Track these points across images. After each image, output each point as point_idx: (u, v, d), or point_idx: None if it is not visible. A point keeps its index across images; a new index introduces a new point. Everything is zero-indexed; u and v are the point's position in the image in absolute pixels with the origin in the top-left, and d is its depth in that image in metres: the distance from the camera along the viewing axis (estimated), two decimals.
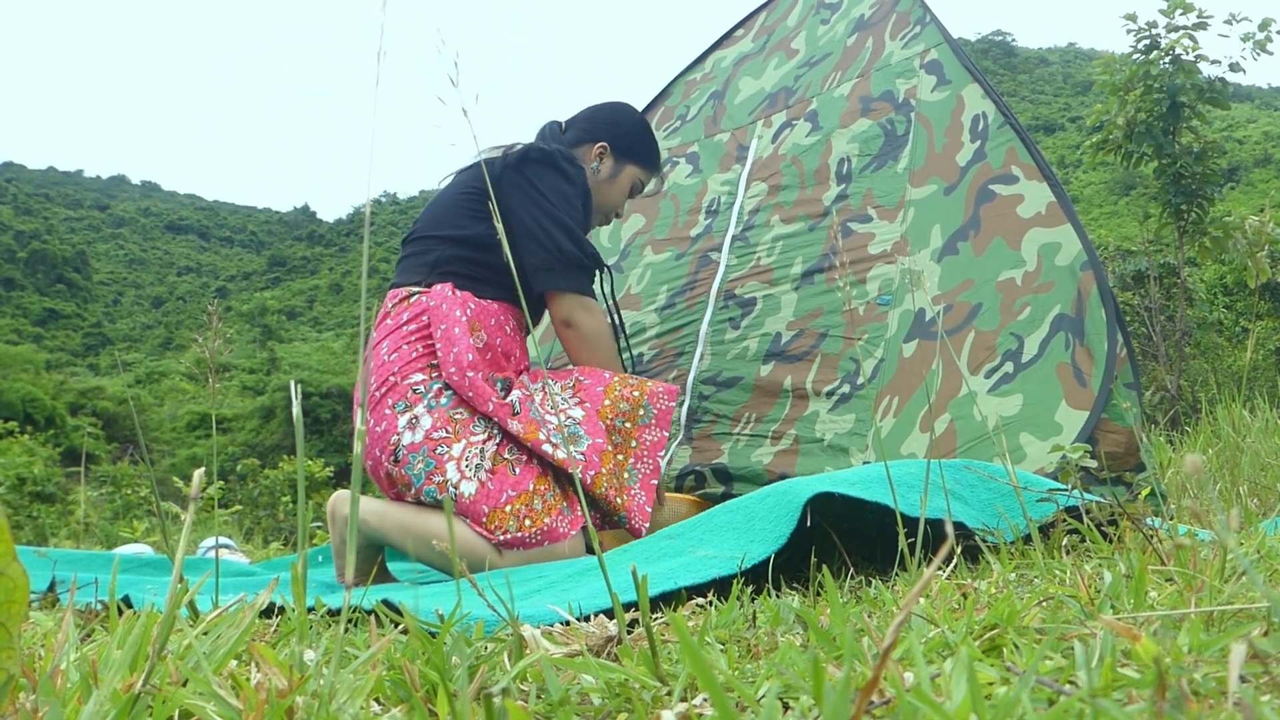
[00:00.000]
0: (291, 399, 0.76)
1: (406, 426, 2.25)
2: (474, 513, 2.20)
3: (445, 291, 2.38)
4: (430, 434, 2.25)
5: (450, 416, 2.27)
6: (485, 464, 2.25)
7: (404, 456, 2.24)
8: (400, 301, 2.41)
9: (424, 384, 2.30)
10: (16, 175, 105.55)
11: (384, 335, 2.38)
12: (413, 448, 2.24)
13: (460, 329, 2.34)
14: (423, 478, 2.22)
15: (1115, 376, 2.09)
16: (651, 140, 2.80)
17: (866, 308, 2.66)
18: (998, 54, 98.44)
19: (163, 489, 10.88)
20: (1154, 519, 1.41)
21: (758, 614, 1.11)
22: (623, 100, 2.87)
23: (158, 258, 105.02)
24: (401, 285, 2.45)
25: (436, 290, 2.39)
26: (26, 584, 0.70)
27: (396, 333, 2.36)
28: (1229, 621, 0.80)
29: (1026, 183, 2.44)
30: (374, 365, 2.34)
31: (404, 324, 2.37)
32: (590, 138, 2.72)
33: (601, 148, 2.71)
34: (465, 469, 2.24)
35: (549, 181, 2.45)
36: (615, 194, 2.73)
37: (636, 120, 2.81)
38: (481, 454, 2.26)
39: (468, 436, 2.26)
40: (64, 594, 1.62)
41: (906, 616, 0.54)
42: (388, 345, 2.35)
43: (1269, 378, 8.10)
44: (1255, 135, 53.86)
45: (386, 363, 2.32)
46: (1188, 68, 6.19)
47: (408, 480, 2.24)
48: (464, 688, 0.71)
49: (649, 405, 2.43)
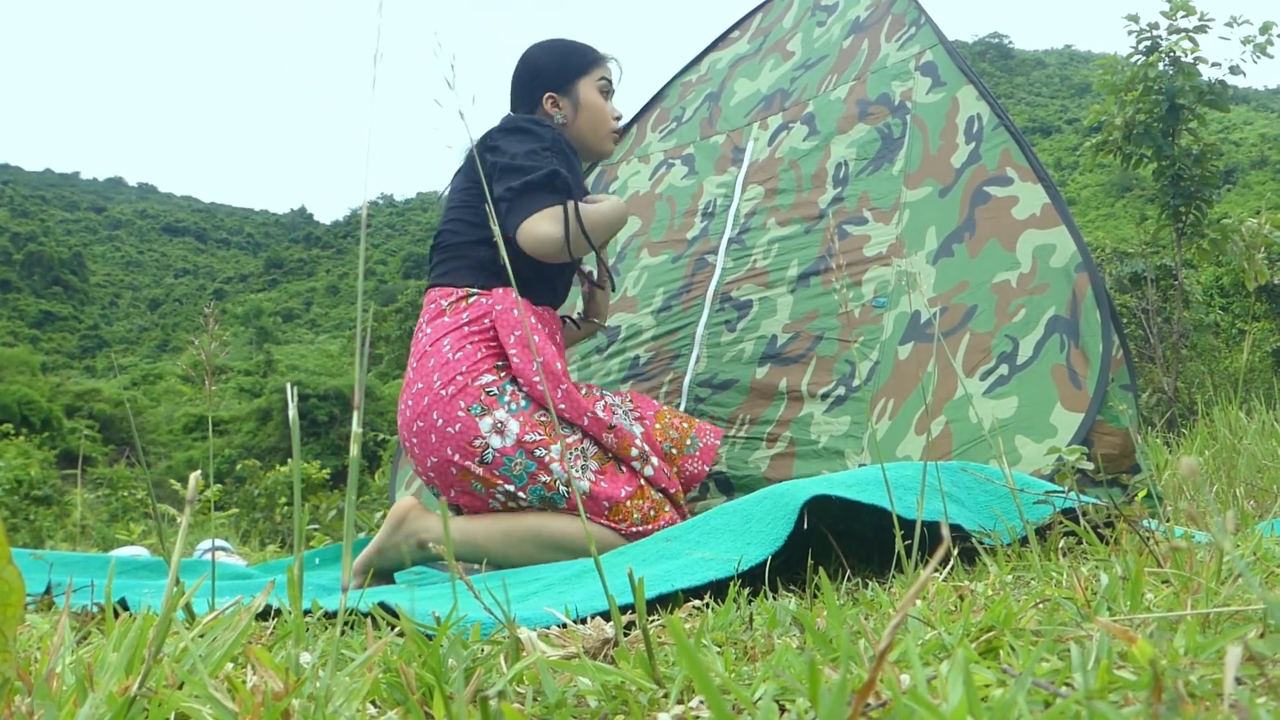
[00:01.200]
0: (288, 401, 0.75)
1: (493, 430, 2.24)
2: (595, 507, 2.23)
3: (510, 297, 2.37)
4: (522, 438, 2.24)
5: (536, 420, 2.27)
6: (592, 463, 2.29)
7: (496, 459, 2.23)
8: (458, 300, 2.39)
9: (495, 385, 2.28)
10: (13, 177, 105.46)
11: (443, 333, 2.35)
12: (506, 451, 2.24)
13: (541, 337, 2.37)
14: (525, 478, 2.23)
15: (1111, 378, 2.09)
16: (573, 50, 2.72)
17: (862, 310, 2.67)
18: (994, 56, 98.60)
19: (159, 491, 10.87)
20: (1150, 521, 1.41)
21: (754, 616, 1.11)
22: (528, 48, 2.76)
23: (154, 260, 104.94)
24: (452, 285, 2.43)
25: (500, 294, 2.37)
26: (22, 586, 0.69)
27: (458, 331, 2.34)
28: (1225, 624, 0.80)
29: (1021, 184, 2.45)
30: (436, 362, 2.31)
31: (465, 323, 2.35)
32: (535, 98, 2.67)
33: (549, 98, 2.65)
34: (572, 468, 2.26)
35: (507, 144, 2.42)
36: (594, 117, 2.66)
37: (548, 50, 2.72)
38: (584, 453, 2.29)
39: (561, 438, 2.28)
40: (60, 597, 1.62)
41: (903, 619, 0.54)
42: (450, 343, 2.33)
43: (1265, 380, 8.11)
44: (1252, 137, 54.00)
45: (451, 361, 2.30)
46: (1188, 70, 6.19)
47: (505, 480, 2.24)
48: (460, 690, 0.71)
49: (695, 439, 2.46)
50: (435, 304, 2.43)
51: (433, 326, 2.39)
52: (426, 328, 2.41)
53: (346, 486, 0.77)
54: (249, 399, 34.85)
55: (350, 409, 2.46)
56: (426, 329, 2.40)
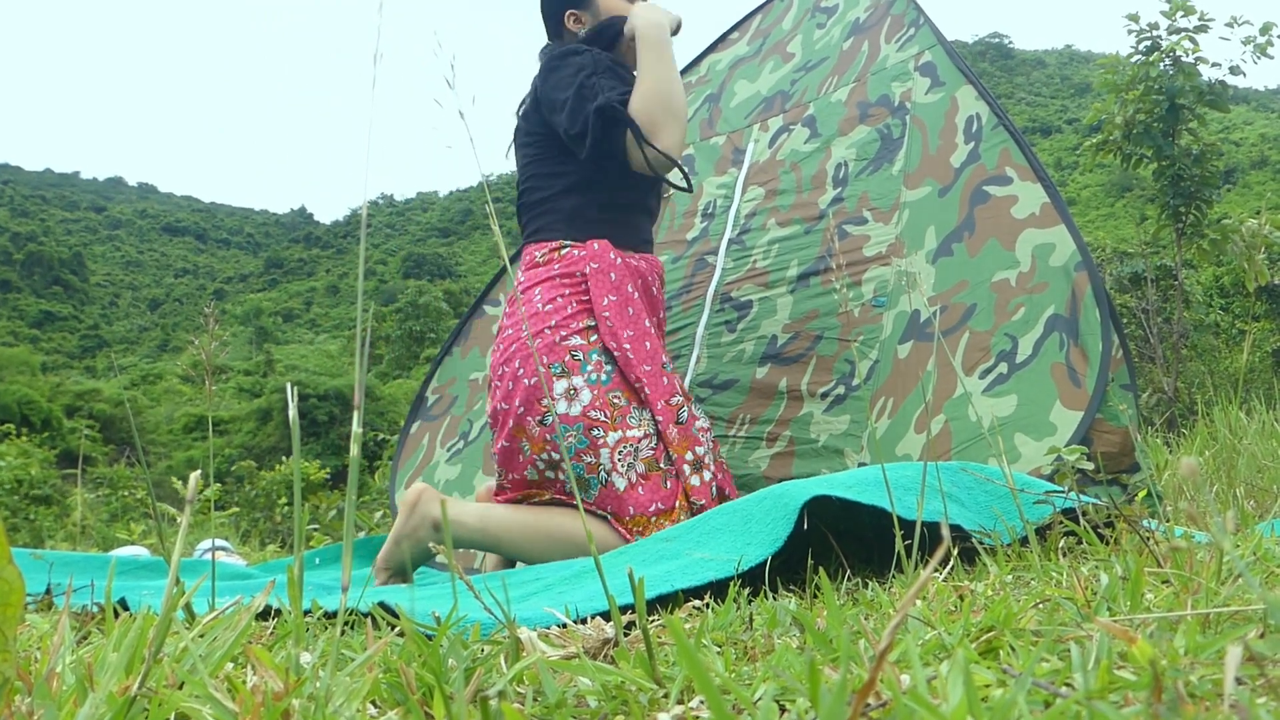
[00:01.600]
0: (288, 402, 0.76)
1: (564, 395, 2.25)
2: (619, 507, 2.21)
3: (606, 253, 2.37)
4: (588, 412, 2.24)
5: (609, 400, 2.27)
6: (639, 465, 2.26)
7: (554, 424, 2.23)
8: (551, 252, 2.39)
9: (583, 351, 2.28)
10: (13, 177, 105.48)
11: (535, 281, 2.36)
12: (567, 419, 2.24)
13: (634, 308, 2.35)
14: (573, 452, 2.23)
15: (1111, 378, 2.09)
16: None
17: (862, 310, 2.67)
18: (995, 56, 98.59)
19: (159, 491, 10.87)
20: (1150, 521, 1.41)
21: (754, 616, 1.11)
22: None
23: (154, 260, 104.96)
24: (546, 239, 2.42)
25: (595, 249, 2.36)
26: (22, 586, 0.69)
27: (550, 281, 2.35)
28: (1225, 624, 0.80)
29: (1020, 184, 2.45)
30: (527, 310, 2.32)
31: (557, 274, 2.35)
32: (559, 20, 2.64)
33: (570, 15, 2.62)
34: (619, 461, 2.24)
35: (547, 91, 2.42)
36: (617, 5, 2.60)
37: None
38: (635, 452, 2.26)
39: (624, 428, 2.26)
40: (60, 596, 1.62)
41: (903, 619, 0.54)
42: (542, 293, 2.34)
43: (1265, 380, 8.11)
44: (1252, 137, 54.02)
45: (541, 312, 2.31)
46: (1188, 70, 6.19)
47: (554, 448, 2.24)
48: (460, 690, 0.71)
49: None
50: (530, 256, 2.43)
51: (527, 275, 2.40)
52: (521, 276, 2.42)
53: (347, 486, 0.77)
54: (249, 399, 34.85)
55: (350, 409, 2.45)
56: (521, 277, 2.42)
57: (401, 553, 2.26)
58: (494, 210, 1.35)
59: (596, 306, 2.31)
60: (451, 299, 48.93)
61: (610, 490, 2.22)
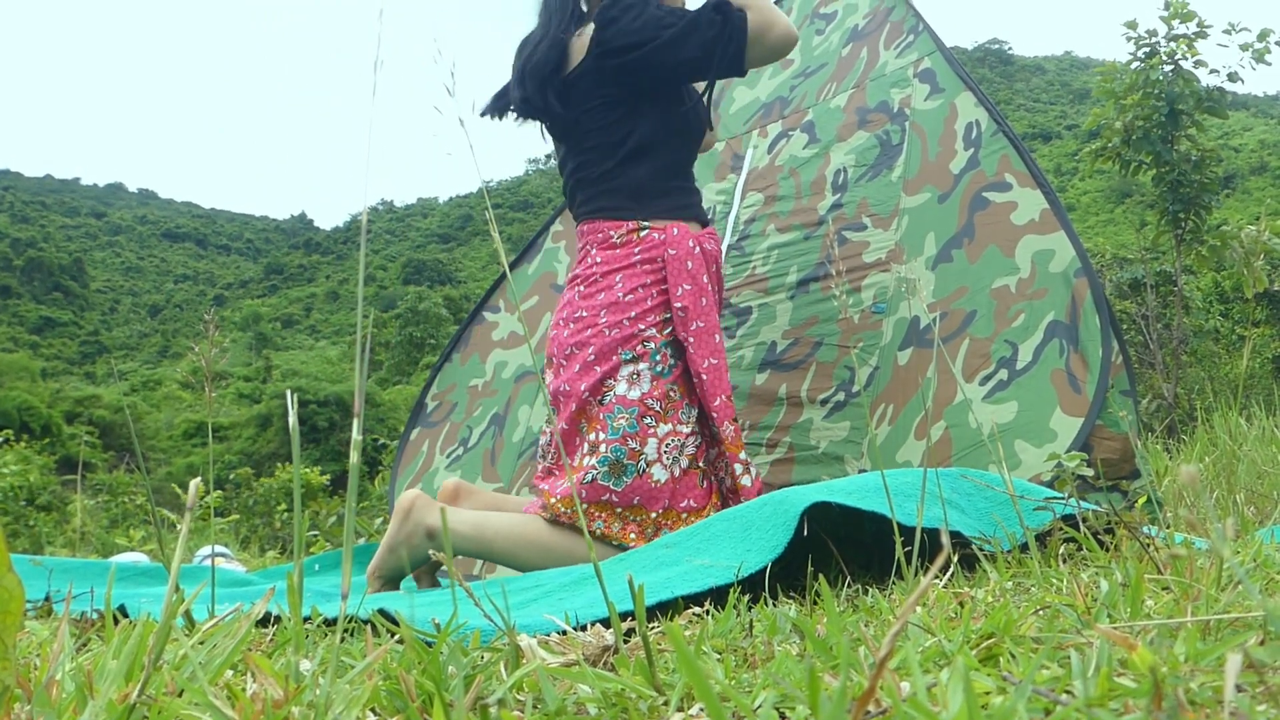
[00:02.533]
0: (288, 409, 0.76)
1: (627, 378, 2.25)
2: (650, 499, 2.21)
3: (685, 239, 2.35)
4: (645, 399, 2.25)
5: (667, 392, 2.27)
6: (682, 460, 2.26)
7: (610, 403, 2.24)
8: (629, 234, 2.36)
9: (654, 341, 2.29)
10: (13, 183, 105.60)
11: (616, 266, 2.33)
12: (625, 401, 2.24)
13: (707, 298, 2.33)
14: (619, 433, 2.22)
15: (1111, 384, 2.09)
16: None
17: (861, 316, 2.67)
18: (994, 62, 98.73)
19: (159, 497, 10.86)
20: (1150, 527, 1.41)
21: (754, 623, 1.11)
22: None
23: (154, 265, 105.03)
24: (619, 218, 2.38)
25: (674, 234, 2.34)
26: (22, 593, 0.69)
27: (631, 269, 2.33)
28: (1225, 630, 0.80)
29: (1020, 190, 2.45)
30: (607, 298, 2.31)
31: (638, 260, 2.33)
32: None
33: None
34: (664, 454, 2.24)
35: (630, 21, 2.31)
36: None
37: None
38: (681, 447, 2.27)
39: (675, 422, 2.27)
40: (60, 603, 1.62)
41: (903, 626, 0.54)
42: (623, 281, 2.32)
43: (1265, 386, 8.11)
44: (1251, 143, 54.10)
45: (622, 301, 2.30)
46: (1187, 75, 6.19)
47: (604, 427, 2.23)
48: (460, 698, 0.71)
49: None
50: (604, 234, 2.38)
51: (604, 255, 2.37)
52: (597, 255, 2.37)
53: (347, 493, 0.77)
54: (249, 405, 34.87)
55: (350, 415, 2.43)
56: (597, 256, 2.37)
57: (396, 560, 2.24)
58: (494, 216, 1.36)
59: (672, 295, 2.31)
60: (451, 305, 49.00)
61: (645, 480, 2.21)
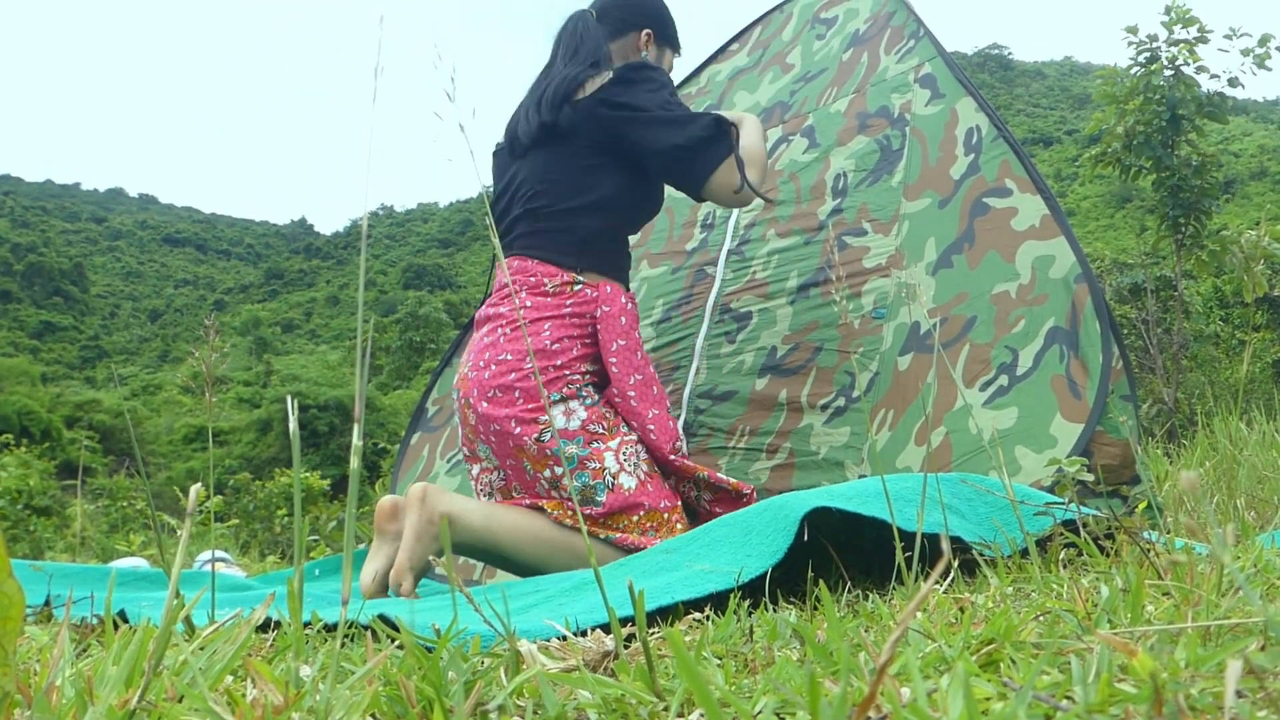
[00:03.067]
0: (288, 414, 0.76)
1: (561, 413, 2.27)
2: (630, 506, 2.22)
3: (617, 297, 2.38)
4: (587, 425, 2.27)
5: (603, 415, 2.30)
6: (642, 465, 2.30)
7: (553, 439, 2.24)
8: (563, 284, 2.37)
9: (578, 381, 2.31)
10: (14, 188, 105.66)
11: (545, 315, 2.34)
12: (566, 434, 2.26)
13: (641, 353, 2.39)
14: (576, 461, 2.24)
15: (1111, 389, 2.09)
16: (674, 21, 2.72)
17: (862, 321, 2.67)
18: (994, 67, 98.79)
19: (159, 502, 10.85)
20: (1151, 533, 1.41)
21: (755, 628, 1.11)
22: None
23: (155, 270, 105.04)
24: (556, 264, 2.39)
25: (607, 292, 2.36)
26: (22, 599, 0.69)
27: (561, 320, 2.34)
28: (1226, 636, 0.80)
29: (1020, 196, 2.45)
30: (534, 343, 2.31)
31: (568, 313, 2.35)
32: (633, 24, 2.64)
33: (647, 35, 2.63)
34: (624, 462, 2.27)
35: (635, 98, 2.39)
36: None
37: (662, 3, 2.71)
38: (637, 454, 2.30)
39: (620, 435, 2.30)
40: (60, 608, 1.62)
41: (903, 631, 0.54)
42: (551, 329, 2.32)
43: (1265, 390, 8.11)
44: (1251, 148, 54.12)
45: (549, 349, 2.30)
46: (1188, 80, 6.20)
47: (556, 462, 2.24)
48: (460, 704, 0.71)
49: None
50: (536, 276, 2.38)
51: (534, 301, 2.36)
52: (527, 300, 2.37)
53: (347, 498, 0.77)
54: (249, 410, 34.87)
55: (350, 419, 2.43)
56: (526, 300, 2.37)
57: (424, 549, 2.17)
58: (493, 222, 1.36)
59: (605, 352, 2.33)
60: (451, 310, 49.01)
61: (619, 493, 2.23)
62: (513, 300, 2.39)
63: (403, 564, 2.18)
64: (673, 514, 2.28)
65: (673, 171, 2.41)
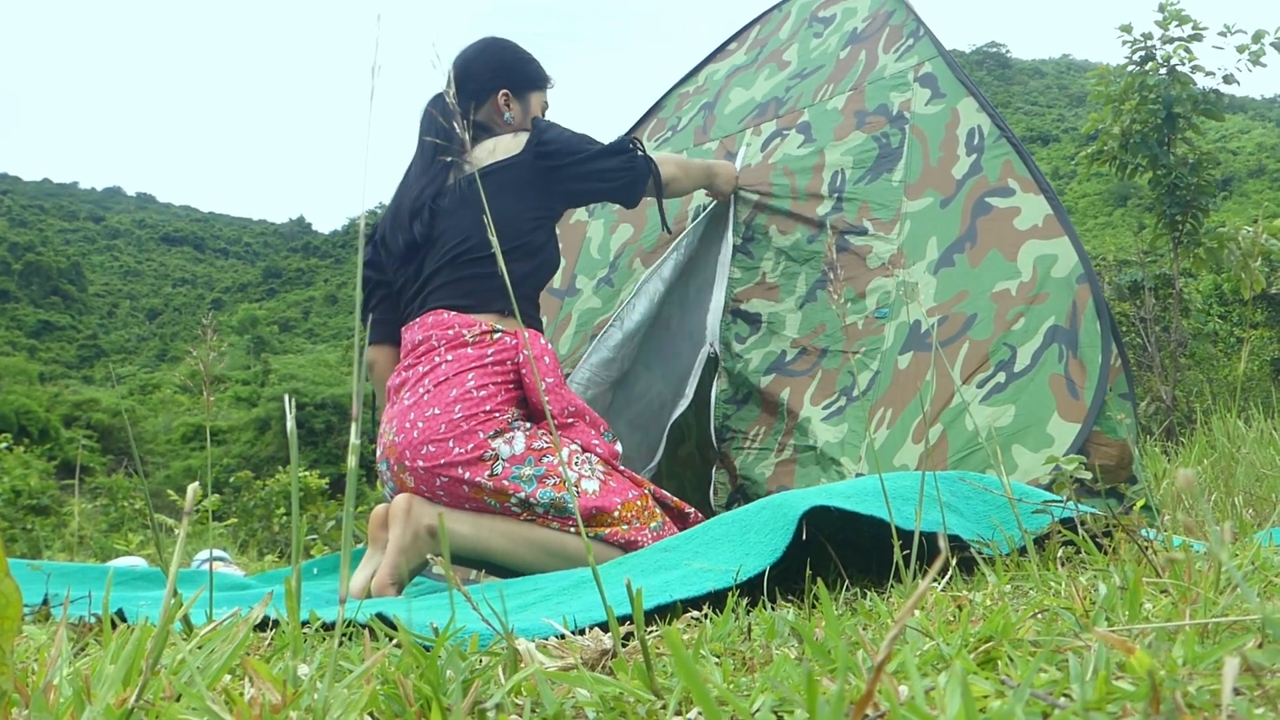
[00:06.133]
0: (286, 413, 0.76)
1: (505, 443, 2.27)
2: (605, 506, 2.24)
3: (537, 340, 2.42)
4: (531, 445, 2.28)
5: (539, 433, 2.32)
6: (598, 467, 2.32)
7: (506, 469, 2.25)
8: (482, 335, 2.37)
9: (510, 416, 2.32)
10: (11, 187, 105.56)
11: (467, 366, 2.33)
12: (516, 459, 2.26)
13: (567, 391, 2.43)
14: (534, 482, 2.25)
15: (1110, 388, 2.09)
16: (532, 61, 2.77)
17: (865, 321, 2.66)
18: (992, 65, 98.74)
19: (157, 501, 10.85)
20: (1149, 531, 1.41)
21: (753, 627, 1.11)
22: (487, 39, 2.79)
23: (153, 269, 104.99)
24: (475, 314, 2.40)
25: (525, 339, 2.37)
26: (20, 598, 0.69)
27: (483, 369, 2.33)
28: (1223, 634, 0.80)
29: (1023, 195, 2.45)
30: (459, 393, 2.29)
31: (490, 362, 2.34)
32: (488, 91, 2.67)
33: (504, 95, 2.66)
34: (581, 468, 2.29)
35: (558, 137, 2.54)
36: None
37: (511, 51, 2.74)
38: (589, 460, 2.33)
39: (567, 445, 2.32)
40: (57, 608, 1.62)
41: (901, 629, 0.54)
42: (475, 378, 2.32)
43: (1264, 388, 8.12)
44: (1249, 146, 54.11)
45: (476, 397, 2.29)
46: (1183, 79, 6.19)
47: (516, 488, 2.24)
48: (458, 702, 0.71)
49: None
50: (454, 329, 2.38)
51: (455, 355, 2.35)
52: (447, 354, 2.36)
53: (345, 497, 0.77)
54: (247, 408, 34.85)
55: (348, 418, 2.41)
56: (447, 355, 2.35)
57: (408, 562, 2.21)
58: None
59: (533, 393, 2.33)
60: None
61: (585, 497, 2.25)
62: (428, 360, 2.38)
63: (384, 579, 2.18)
64: (644, 499, 2.31)
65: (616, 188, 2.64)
